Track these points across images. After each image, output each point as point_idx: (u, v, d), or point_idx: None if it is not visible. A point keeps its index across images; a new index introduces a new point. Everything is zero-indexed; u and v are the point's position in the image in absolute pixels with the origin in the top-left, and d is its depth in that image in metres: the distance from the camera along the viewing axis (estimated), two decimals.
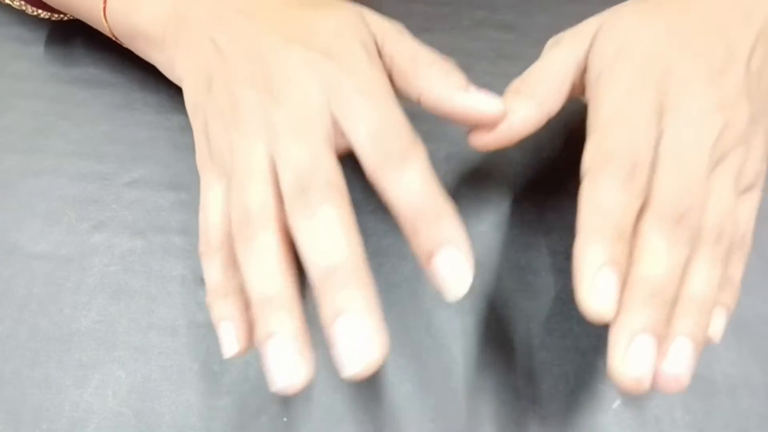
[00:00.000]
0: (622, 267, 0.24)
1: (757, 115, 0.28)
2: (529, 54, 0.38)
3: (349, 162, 0.32)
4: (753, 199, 0.28)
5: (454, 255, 0.25)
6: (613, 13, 0.30)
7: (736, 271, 0.28)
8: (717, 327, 0.27)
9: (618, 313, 0.24)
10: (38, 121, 0.36)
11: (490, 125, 0.29)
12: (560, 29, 0.39)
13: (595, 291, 0.24)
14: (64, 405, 0.30)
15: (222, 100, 0.28)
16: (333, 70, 0.27)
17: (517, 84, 0.30)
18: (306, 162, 0.25)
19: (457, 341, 0.31)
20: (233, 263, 0.26)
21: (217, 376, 0.31)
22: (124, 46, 0.35)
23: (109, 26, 0.33)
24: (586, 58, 0.30)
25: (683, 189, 0.25)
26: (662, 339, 0.24)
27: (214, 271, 0.27)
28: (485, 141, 0.29)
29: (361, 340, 0.22)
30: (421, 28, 0.36)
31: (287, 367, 0.23)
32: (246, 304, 0.26)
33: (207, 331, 0.32)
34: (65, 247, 0.33)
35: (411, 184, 0.25)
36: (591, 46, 0.29)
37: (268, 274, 0.24)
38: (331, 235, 0.24)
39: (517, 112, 0.28)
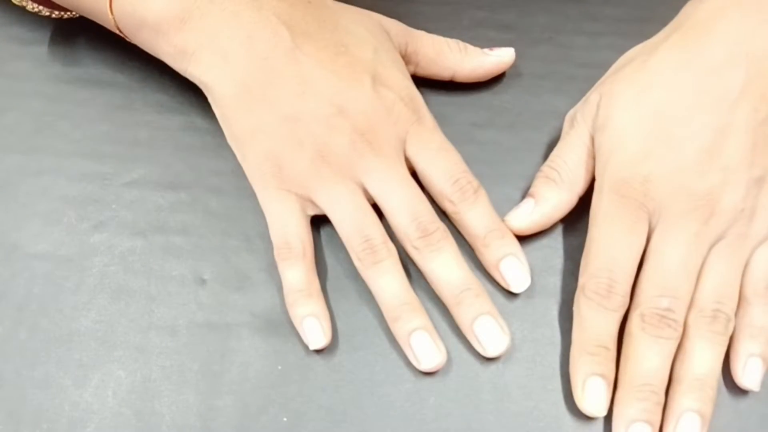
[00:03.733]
0: (606, 372, 0.29)
1: (765, 172, 0.30)
2: (529, 54, 0.38)
3: None
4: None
5: (516, 261, 0.32)
6: (611, 86, 0.32)
7: (764, 317, 0.30)
8: (754, 377, 0.30)
9: (616, 406, 0.29)
10: (38, 121, 0.36)
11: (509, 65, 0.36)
12: (560, 29, 0.39)
13: (585, 398, 0.29)
14: (64, 405, 0.30)
15: (301, 133, 0.31)
16: (406, 119, 0.32)
17: (546, 171, 0.33)
18: (422, 211, 0.31)
19: (457, 341, 0.31)
20: (313, 270, 0.32)
21: (217, 376, 0.31)
22: (127, 39, 0.35)
23: (114, 19, 0.33)
24: (592, 141, 0.33)
25: (663, 287, 0.29)
26: (656, 426, 0.29)
27: (297, 274, 0.31)
28: (522, 227, 0.32)
29: (497, 333, 0.31)
30: (421, 28, 0.36)
31: (431, 353, 0.30)
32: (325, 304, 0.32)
33: (207, 331, 0.32)
34: (65, 247, 0.33)
35: (482, 214, 0.32)
36: (594, 130, 0.33)
37: (401, 287, 0.31)
38: (458, 266, 0.31)
39: (551, 200, 0.32)
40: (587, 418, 0.30)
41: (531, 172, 0.34)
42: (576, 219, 0.33)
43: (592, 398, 0.29)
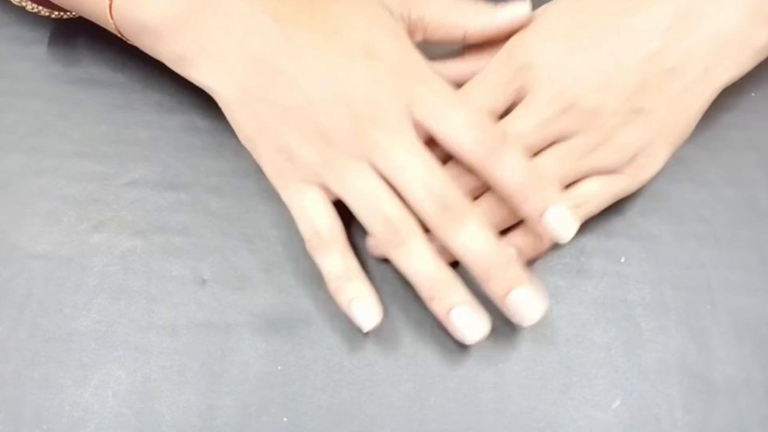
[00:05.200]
0: None
1: (648, 111, 0.31)
2: None
3: None
4: (608, 184, 0.32)
5: (562, 210, 0.31)
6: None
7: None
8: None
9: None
10: (38, 121, 0.36)
11: (524, 22, 0.33)
12: None
13: None
14: (64, 405, 0.30)
15: (304, 122, 0.31)
16: (406, 83, 0.31)
17: None
18: (437, 184, 0.30)
19: (457, 341, 0.31)
20: (349, 252, 0.31)
21: (217, 376, 0.31)
22: (129, 42, 0.35)
23: (114, 23, 0.33)
24: None
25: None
26: None
27: (334, 262, 0.31)
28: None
29: (532, 301, 0.30)
30: None
31: (475, 326, 0.30)
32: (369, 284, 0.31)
33: (207, 331, 0.32)
34: (65, 247, 0.33)
35: (514, 164, 0.30)
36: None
37: (432, 265, 0.30)
38: (486, 237, 0.30)
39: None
40: (587, 418, 0.30)
41: None
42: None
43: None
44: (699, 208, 0.34)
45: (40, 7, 0.36)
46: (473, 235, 0.30)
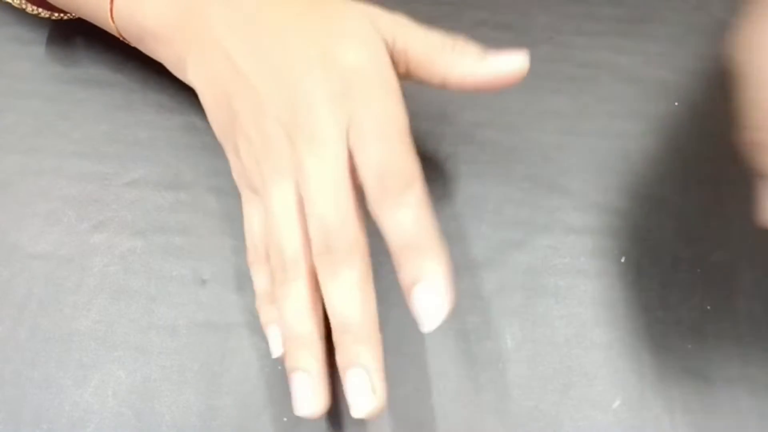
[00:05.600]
0: None
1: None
2: (529, 54, 0.38)
3: None
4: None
5: (430, 288, 0.26)
6: None
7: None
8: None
9: None
10: (38, 121, 0.36)
11: (518, 80, 0.29)
12: (560, 29, 0.39)
13: None
14: (64, 405, 0.30)
15: (250, 129, 0.29)
16: (353, 104, 0.28)
17: None
18: (332, 220, 0.27)
19: (457, 341, 0.31)
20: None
21: (217, 376, 0.31)
22: (132, 45, 0.35)
23: (116, 26, 0.33)
24: None
25: None
26: None
27: (262, 279, 0.30)
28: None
29: (363, 392, 0.26)
30: None
31: (307, 400, 0.27)
32: None
33: (207, 331, 0.32)
34: (65, 247, 0.33)
35: (403, 220, 0.27)
36: None
37: (299, 316, 0.28)
38: (350, 297, 0.27)
39: None
40: (587, 419, 0.30)
41: (531, 172, 0.34)
42: (576, 220, 0.33)
43: None
44: None
45: (41, 9, 0.36)
46: (340, 289, 0.27)
